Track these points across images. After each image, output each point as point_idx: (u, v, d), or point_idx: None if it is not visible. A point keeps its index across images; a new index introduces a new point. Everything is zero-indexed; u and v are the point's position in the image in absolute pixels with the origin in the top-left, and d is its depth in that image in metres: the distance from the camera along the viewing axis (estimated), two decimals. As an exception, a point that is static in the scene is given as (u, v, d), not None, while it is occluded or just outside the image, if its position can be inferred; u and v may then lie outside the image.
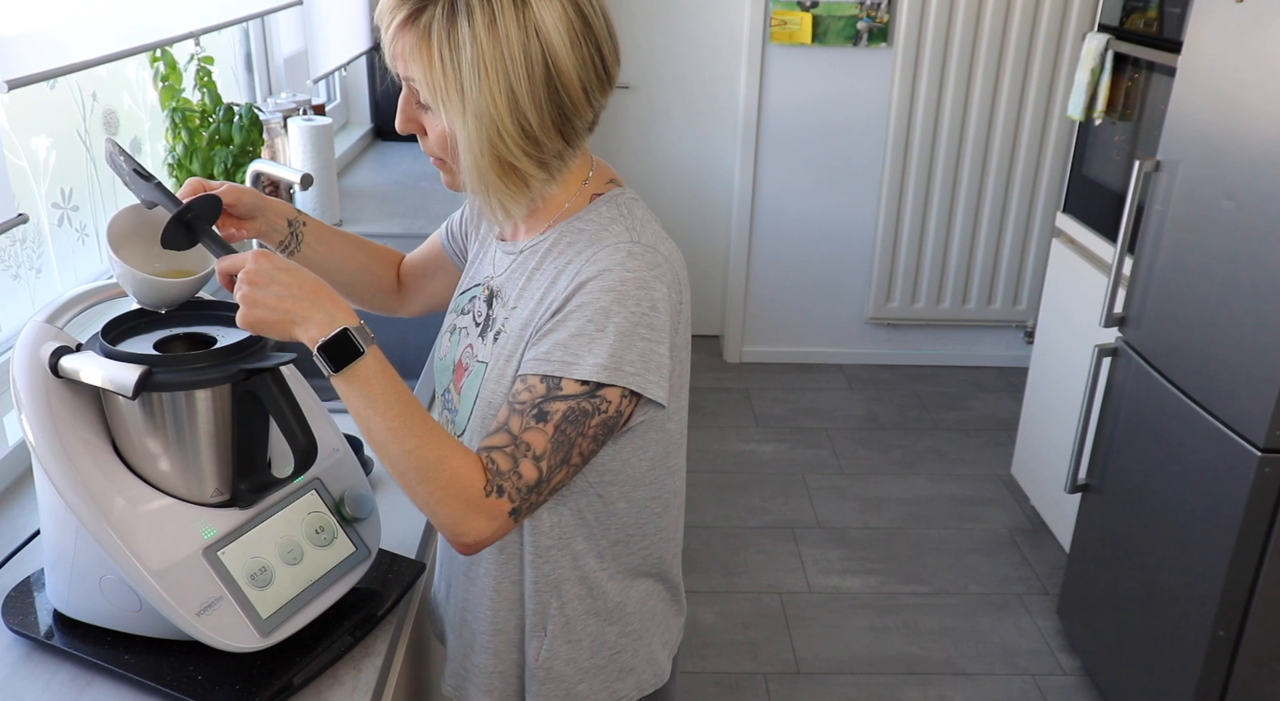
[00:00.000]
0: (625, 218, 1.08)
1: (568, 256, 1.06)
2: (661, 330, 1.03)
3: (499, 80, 0.96)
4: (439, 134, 1.03)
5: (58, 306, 1.07)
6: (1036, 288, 3.98)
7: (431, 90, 0.99)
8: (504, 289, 1.13)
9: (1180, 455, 2.11)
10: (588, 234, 1.07)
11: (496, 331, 1.11)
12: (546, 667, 1.17)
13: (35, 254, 1.66)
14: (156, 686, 1.01)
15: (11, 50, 1.32)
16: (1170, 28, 2.50)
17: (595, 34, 1.00)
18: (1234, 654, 2.01)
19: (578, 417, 1.00)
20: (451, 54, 0.96)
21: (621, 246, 1.03)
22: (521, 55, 0.96)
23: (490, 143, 0.99)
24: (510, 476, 0.99)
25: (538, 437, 0.99)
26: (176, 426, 1.02)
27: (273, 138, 2.33)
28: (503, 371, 1.08)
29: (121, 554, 0.97)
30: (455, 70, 0.96)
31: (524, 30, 0.96)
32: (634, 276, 1.01)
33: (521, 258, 1.12)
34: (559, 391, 1.00)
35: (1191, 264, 2.11)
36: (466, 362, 1.15)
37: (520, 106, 0.98)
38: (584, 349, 1.00)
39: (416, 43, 0.98)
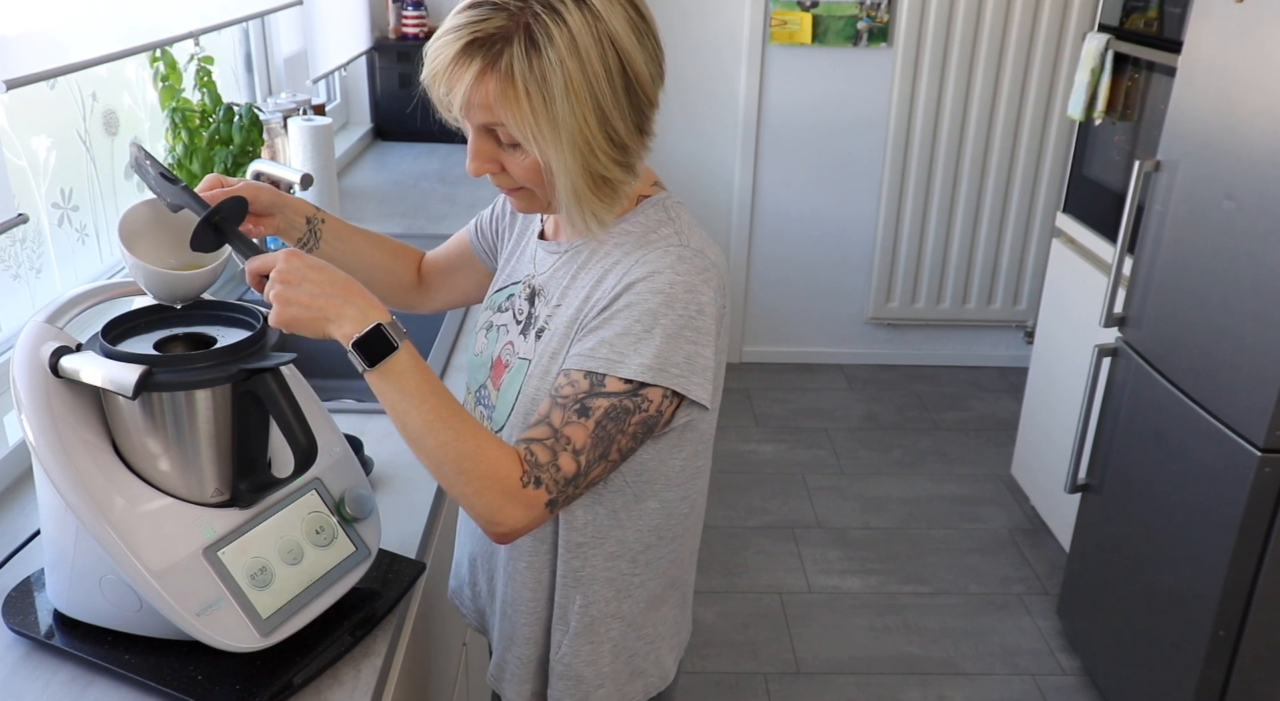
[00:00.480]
0: (673, 221, 1.09)
1: (615, 257, 1.07)
2: (708, 333, 1.04)
3: (588, 99, 0.97)
4: (528, 167, 1.02)
5: (58, 306, 1.07)
6: (1036, 288, 3.98)
7: (522, 129, 0.98)
8: (547, 287, 1.14)
9: (1180, 455, 2.11)
10: (635, 236, 1.08)
11: (539, 329, 1.12)
12: (566, 663, 1.18)
13: (35, 254, 1.66)
14: (157, 686, 1.02)
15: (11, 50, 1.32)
16: (1170, 28, 2.50)
17: (651, 25, 1.01)
18: (1234, 653, 2.01)
19: (619, 414, 1.01)
20: (541, 89, 0.96)
21: (671, 250, 1.05)
22: (603, 69, 0.97)
23: (585, 162, 1.00)
24: (549, 468, 1.00)
25: (578, 432, 1.01)
26: (176, 426, 1.02)
27: (273, 138, 2.33)
28: (547, 368, 1.09)
29: (122, 554, 0.97)
30: (548, 104, 0.96)
31: (600, 43, 0.96)
32: (683, 280, 1.03)
33: (566, 257, 1.13)
34: (602, 388, 1.01)
35: (1191, 264, 2.11)
36: (506, 359, 1.16)
37: (609, 119, 0.99)
38: (630, 348, 1.01)
39: (501, 88, 0.97)
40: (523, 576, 1.18)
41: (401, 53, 3.28)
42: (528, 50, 0.95)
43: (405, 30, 3.34)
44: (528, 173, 1.03)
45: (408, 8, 3.33)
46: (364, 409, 1.67)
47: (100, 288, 1.12)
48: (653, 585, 1.19)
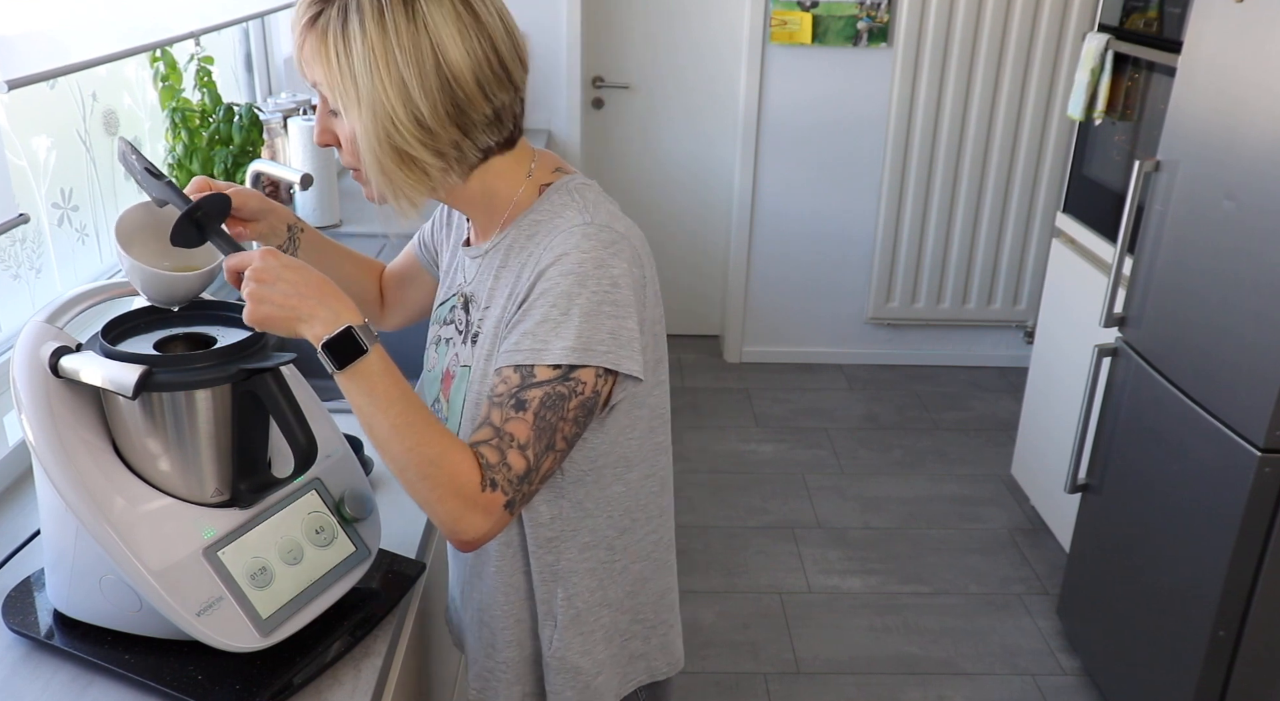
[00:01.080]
0: (577, 201, 1.10)
1: (529, 249, 1.09)
2: (627, 305, 1.04)
3: (389, 70, 0.99)
4: (348, 137, 1.05)
5: (58, 306, 1.07)
6: (1036, 288, 3.98)
7: (330, 88, 1.02)
8: (476, 293, 1.15)
9: (1180, 455, 2.11)
10: (543, 224, 1.09)
11: (474, 334, 1.14)
12: (561, 657, 1.18)
13: (35, 254, 1.66)
14: (157, 686, 1.02)
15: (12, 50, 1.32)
16: (1170, 28, 2.50)
17: (488, 30, 1.02)
18: (1234, 653, 2.01)
19: (555, 402, 1.02)
20: (345, 49, 1.00)
21: (575, 229, 1.05)
22: (411, 46, 0.99)
23: (385, 132, 1.01)
24: (500, 468, 1.00)
25: (519, 427, 1.01)
26: (176, 426, 1.02)
27: (273, 137, 2.33)
28: (485, 371, 1.10)
29: (121, 554, 0.97)
30: (348, 63, 1.00)
31: (413, 23, 0.99)
32: (591, 256, 1.03)
33: (486, 259, 1.14)
34: (533, 379, 1.02)
35: (1191, 264, 2.11)
36: (452, 370, 1.17)
37: (411, 96, 1.00)
38: (551, 334, 1.02)
39: (316, 44, 1.02)
40: (493, 580, 1.18)
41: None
42: (341, 13, 1.00)
43: (405, 30, 3.33)
44: (348, 145, 1.05)
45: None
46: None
47: (100, 288, 1.12)
48: (637, 568, 1.19)
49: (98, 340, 1.03)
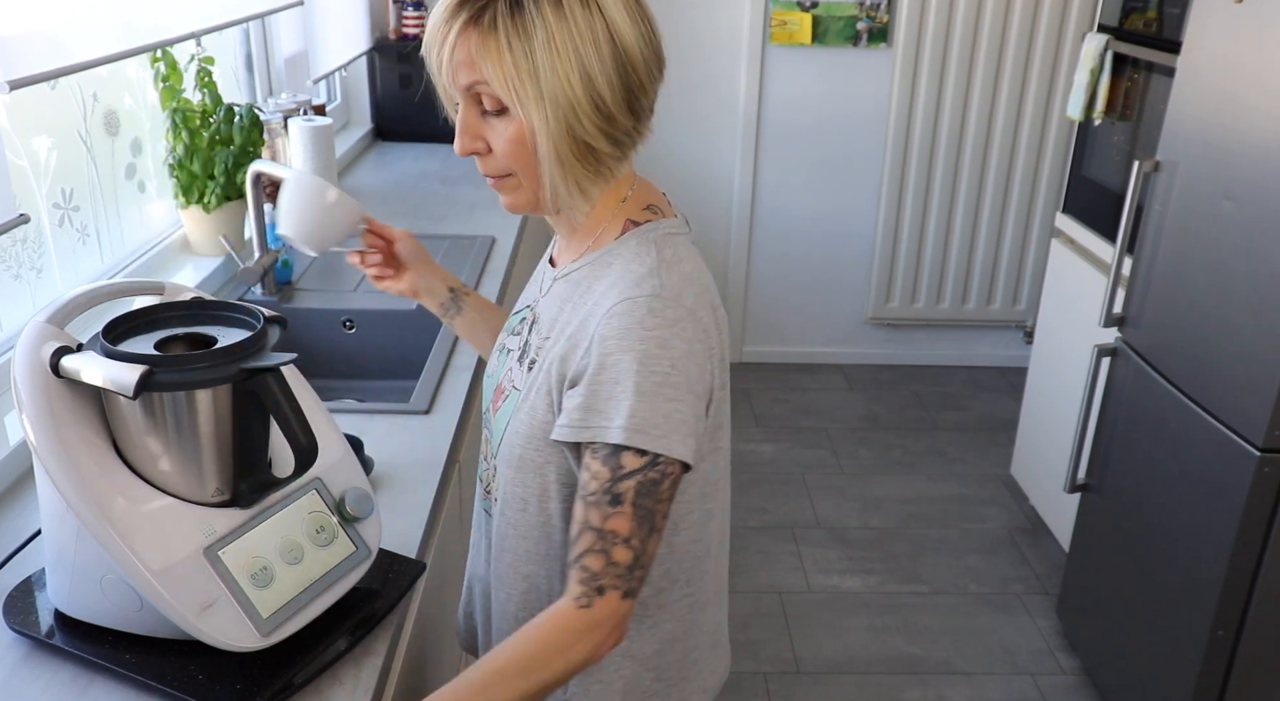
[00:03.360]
0: (652, 258, 1.05)
1: (596, 293, 1.06)
2: (683, 387, 1.01)
3: (572, 58, 0.97)
4: (511, 139, 1.01)
5: (58, 306, 1.07)
6: (1036, 288, 3.98)
7: (505, 83, 0.98)
8: (542, 317, 1.13)
9: (1179, 455, 2.11)
10: (615, 272, 1.06)
11: (531, 360, 1.11)
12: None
13: (36, 254, 1.66)
14: (157, 686, 1.02)
15: (13, 50, 1.33)
16: (1170, 28, 2.51)
17: (647, 13, 1.02)
18: (1233, 653, 2.01)
19: (649, 488, 1.00)
20: (522, 41, 0.96)
21: (642, 302, 1.01)
22: (589, 32, 0.97)
23: (569, 125, 0.99)
24: (607, 570, 0.99)
25: (620, 522, 0.99)
26: (177, 426, 1.02)
27: (273, 138, 2.33)
28: (532, 404, 1.08)
29: (122, 553, 0.97)
30: (528, 56, 0.97)
31: (588, 8, 0.97)
32: (654, 335, 1.00)
33: (559, 286, 1.12)
34: (622, 470, 0.99)
35: (1191, 264, 2.11)
36: (504, 386, 1.15)
37: (595, 84, 0.98)
38: (609, 410, 0.99)
39: (482, 40, 0.98)
40: (515, 620, 1.16)
41: (402, 53, 3.29)
42: (511, 7, 0.97)
43: (405, 31, 3.34)
44: (511, 146, 1.02)
45: (408, 8, 3.33)
46: (364, 409, 1.67)
47: (101, 288, 1.12)
48: (669, 627, 1.16)
49: (99, 340, 1.03)
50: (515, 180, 1.05)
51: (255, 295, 2.03)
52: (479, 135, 1.04)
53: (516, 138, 1.01)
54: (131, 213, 2.01)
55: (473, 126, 1.04)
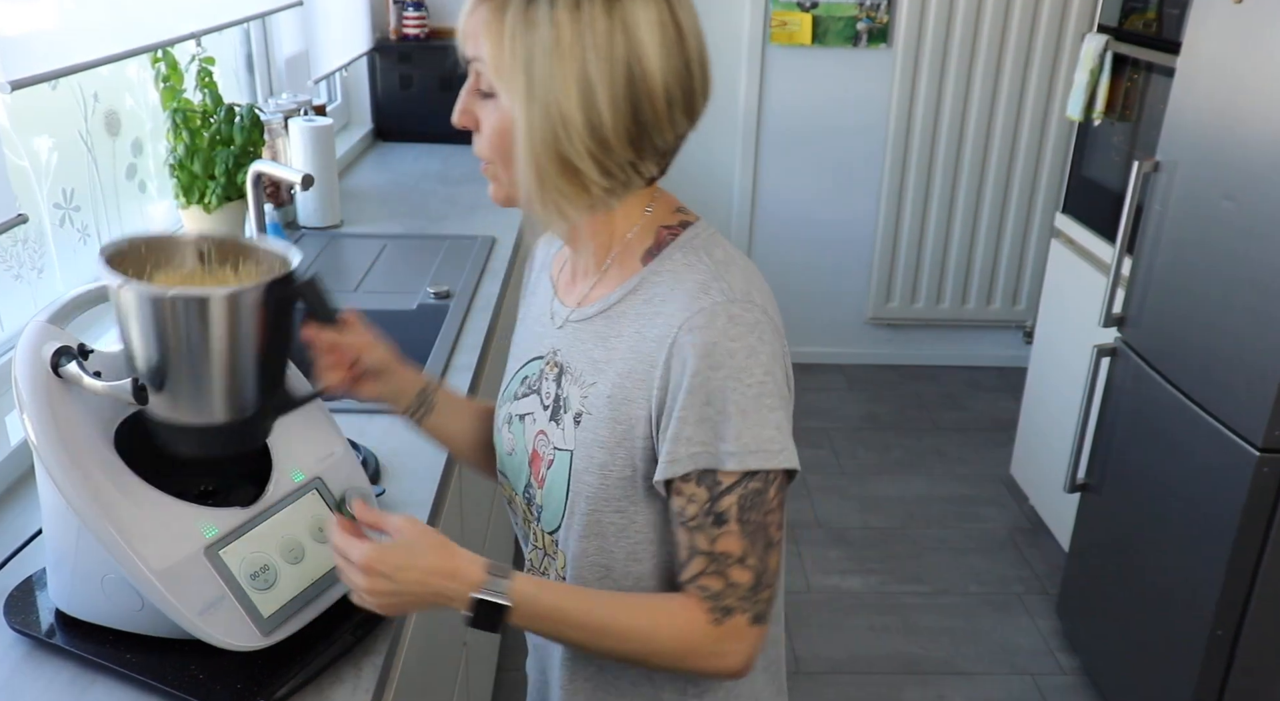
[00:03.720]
0: (705, 263, 0.97)
1: (648, 317, 0.96)
2: (778, 395, 0.94)
3: (574, 68, 0.89)
4: (495, 126, 0.94)
5: (59, 306, 1.07)
6: (1036, 288, 3.98)
7: (496, 69, 0.92)
8: (573, 363, 1.02)
9: (1179, 455, 2.12)
10: (668, 290, 0.96)
11: (576, 414, 1.00)
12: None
13: (37, 254, 1.66)
14: (158, 685, 1.02)
15: (14, 50, 1.33)
16: (1169, 28, 2.51)
17: (687, 49, 0.93)
18: (1232, 653, 2.01)
19: (754, 499, 0.93)
20: (525, 31, 0.89)
21: (719, 310, 0.93)
22: (605, 46, 0.89)
23: (554, 135, 0.90)
24: (728, 593, 0.94)
25: (730, 541, 0.93)
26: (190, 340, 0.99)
27: (274, 138, 2.33)
28: (593, 457, 0.98)
29: (123, 553, 0.97)
30: (524, 47, 0.89)
31: (610, 18, 0.88)
32: (740, 345, 0.92)
33: (591, 326, 1.02)
34: (720, 487, 0.92)
35: (1190, 264, 2.11)
36: (542, 452, 1.04)
37: (594, 102, 0.90)
38: (713, 437, 0.92)
39: (489, 17, 0.91)
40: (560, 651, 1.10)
41: (402, 53, 3.29)
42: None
43: (406, 31, 3.34)
44: (493, 135, 0.95)
45: (408, 9, 3.33)
46: (364, 409, 1.67)
47: (102, 287, 1.13)
48: (773, 629, 1.09)
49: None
50: (493, 170, 0.99)
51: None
52: (470, 111, 0.98)
53: (499, 127, 0.95)
54: (132, 213, 2.02)
55: (468, 102, 0.98)
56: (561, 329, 1.05)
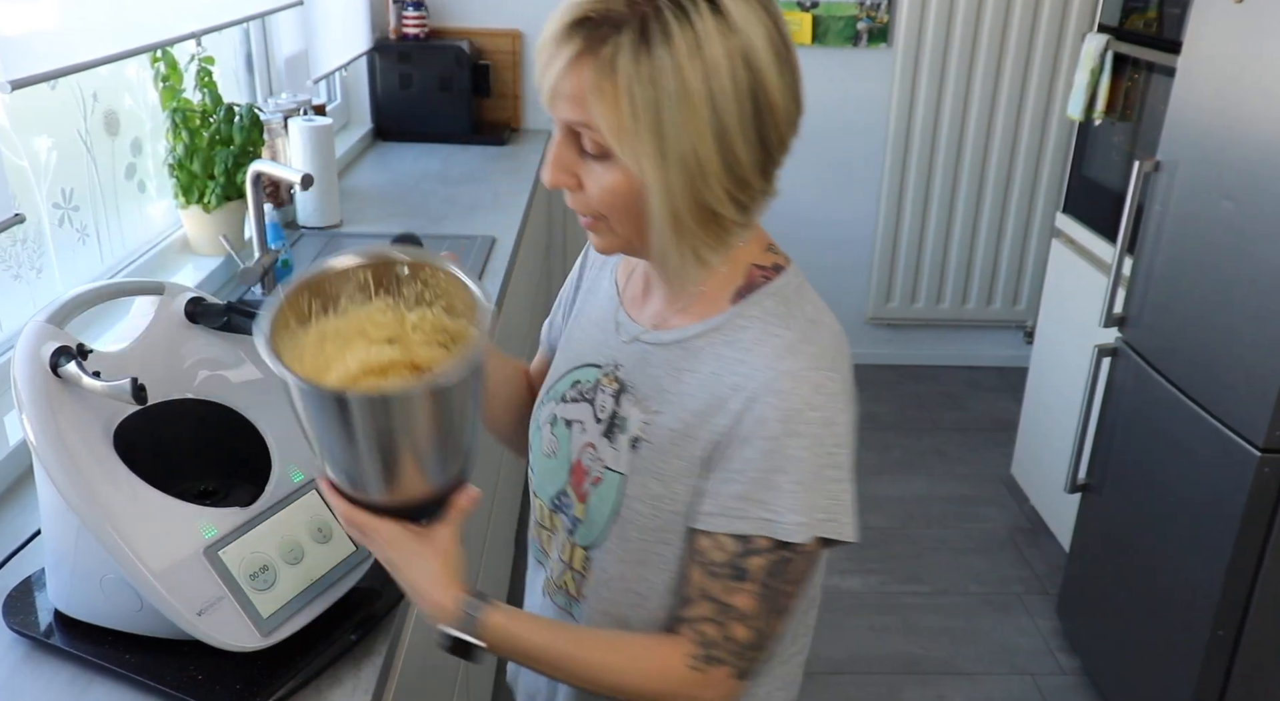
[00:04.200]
0: (798, 319, 0.94)
1: (729, 361, 0.93)
2: (847, 467, 0.93)
3: (706, 113, 0.82)
4: (611, 187, 0.87)
5: (58, 306, 1.07)
6: (1036, 288, 3.98)
7: (618, 135, 0.83)
8: (638, 384, 0.98)
9: (1180, 455, 2.11)
10: (753, 337, 0.93)
11: (633, 438, 0.97)
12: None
13: (36, 254, 1.66)
14: (157, 686, 1.02)
15: (14, 50, 1.33)
16: (1170, 28, 2.51)
17: (794, 62, 0.89)
18: (1233, 653, 2.01)
19: (779, 567, 0.91)
20: (647, 91, 0.81)
21: (806, 377, 0.90)
22: (730, 82, 0.82)
23: (693, 187, 0.85)
24: (722, 644, 0.92)
25: (742, 598, 0.91)
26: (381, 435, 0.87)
27: (273, 138, 2.33)
28: (647, 487, 0.96)
29: (122, 553, 0.97)
30: (652, 109, 0.82)
31: (732, 55, 0.82)
32: (820, 414, 0.90)
33: (663, 351, 0.98)
34: (753, 547, 0.90)
35: (1191, 264, 2.11)
36: (589, 466, 1.01)
37: (729, 143, 0.84)
38: (775, 502, 0.90)
39: (597, 79, 0.82)
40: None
41: (402, 53, 3.28)
42: (638, 44, 0.81)
43: (406, 31, 3.34)
44: (608, 195, 0.88)
45: (408, 8, 3.33)
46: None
47: (101, 287, 1.13)
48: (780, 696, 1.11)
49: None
50: (605, 225, 0.92)
51: (255, 295, 2.03)
52: (572, 171, 0.90)
53: (618, 189, 0.87)
54: (131, 212, 2.01)
55: (567, 161, 0.89)
56: (629, 345, 1.01)
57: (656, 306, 1.01)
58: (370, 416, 0.84)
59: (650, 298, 1.02)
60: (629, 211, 0.89)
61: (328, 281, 0.93)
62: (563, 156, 0.89)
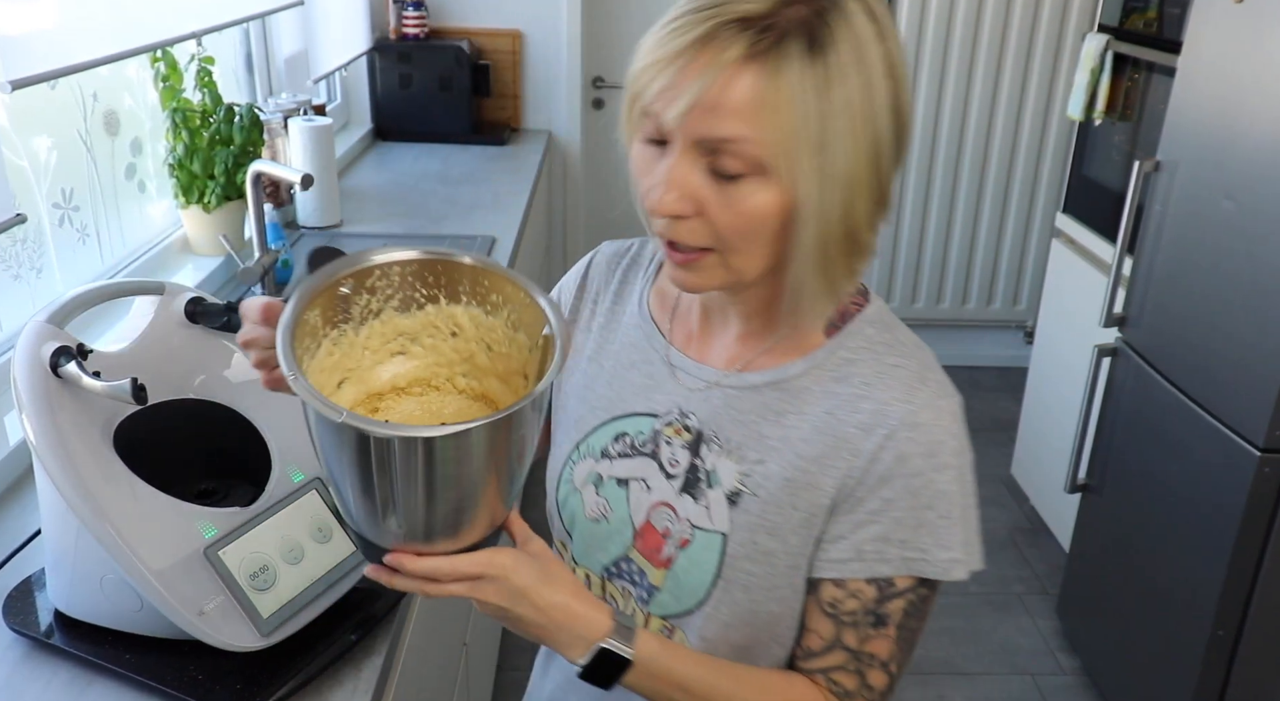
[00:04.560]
0: (909, 346, 0.88)
1: (847, 399, 0.85)
2: (974, 492, 0.87)
3: (866, 128, 0.75)
4: (750, 211, 0.77)
5: (58, 306, 1.07)
6: (1036, 288, 3.98)
7: (781, 150, 0.74)
8: (724, 434, 0.89)
9: (1180, 455, 2.11)
10: (878, 375, 0.85)
11: (731, 492, 0.88)
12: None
13: (36, 254, 1.66)
14: (157, 686, 1.02)
15: (14, 50, 1.33)
16: (1170, 28, 2.51)
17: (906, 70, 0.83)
18: (1233, 653, 2.01)
19: (918, 607, 0.86)
20: (815, 102, 0.73)
21: (944, 408, 0.84)
22: (884, 92, 0.76)
23: (847, 210, 0.77)
24: (859, 693, 0.87)
25: (881, 644, 0.86)
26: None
27: (273, 138, 2.33)
28: (756, 543, 0.87)
29: (122, 553, 0.97)
30: (819, 118, 0.74)
31: (882, 64, 0.76)
32: (958, 443, 0.85)
33: (755, 394, 0.88)
34: (893, 589, 0.85)
35: (1191, 264, 2.11)
36: (668, 528, 0.90)
37: (879, 161, 0.77)
38: (931, 543, 0.84)
39: (760, 86, 0.73)
40: None
41: (402, 53, 3.29)
42: (807, 49, 0.73)
43: (406, 31, 3.34)
44: (747, 221, 0.77)
45: (408, 8, 3.33)
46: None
47: (101, 288, 1.13)
48: None
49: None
50: (716, 259, 0.81)
51: (256, 295, 2.03)
52: (695, 196, 0.78)
53: (763, 213, 0.77)
54: (131, 212, 2.01)
55: (689, 184, 0.77)
56: (704, 391, 0.91)
57: (728, 346, 0.92)
58: (457, 455, 0.72)
59: (713, 336, 0.93)
60: (767, 239, 0.79)
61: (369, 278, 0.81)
62: (689, 179, 0.77)
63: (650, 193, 0.80)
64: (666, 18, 0.79)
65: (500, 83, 3.52)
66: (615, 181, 4.36)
